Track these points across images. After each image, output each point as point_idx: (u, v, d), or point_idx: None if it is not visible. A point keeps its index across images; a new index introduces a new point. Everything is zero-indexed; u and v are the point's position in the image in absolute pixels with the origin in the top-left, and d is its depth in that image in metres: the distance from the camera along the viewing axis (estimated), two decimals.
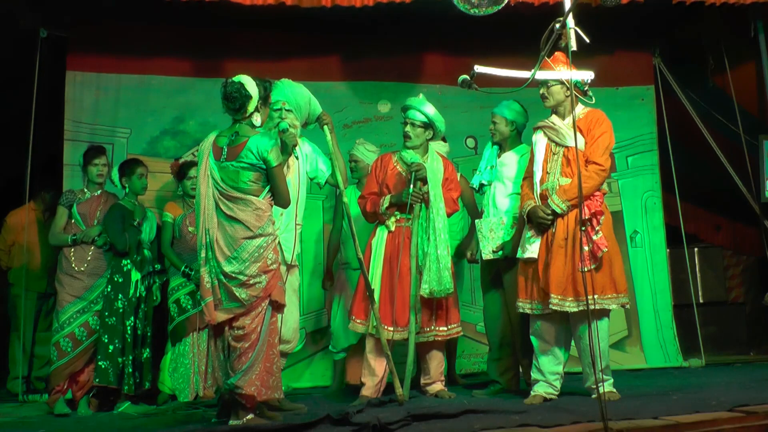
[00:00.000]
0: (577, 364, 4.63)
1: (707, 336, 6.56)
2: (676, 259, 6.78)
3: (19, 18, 5.70)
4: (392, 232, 4.75)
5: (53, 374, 4.87)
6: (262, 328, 3.86)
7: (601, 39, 3.92)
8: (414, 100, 4.88)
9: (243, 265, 3.80)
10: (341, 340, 5.56)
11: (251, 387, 3.80)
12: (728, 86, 6.55)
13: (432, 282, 4.57)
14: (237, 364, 3.82)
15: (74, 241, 4.99)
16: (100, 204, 5.11)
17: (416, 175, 4.67)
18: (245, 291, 3.80)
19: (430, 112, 4.80)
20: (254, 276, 3.81)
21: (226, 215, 3.84)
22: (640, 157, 6.73)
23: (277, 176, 3.90)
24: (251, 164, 3.85)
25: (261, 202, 3.88)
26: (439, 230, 4.63)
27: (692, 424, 3.41)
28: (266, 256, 3.84)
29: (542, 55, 3.81)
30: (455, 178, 4.98)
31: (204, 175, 3.92)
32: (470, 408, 3.86)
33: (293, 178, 4.46)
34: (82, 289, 4.96)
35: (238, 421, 3.83)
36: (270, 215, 3.93)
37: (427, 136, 4.85)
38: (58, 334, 4.89)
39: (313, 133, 4.79)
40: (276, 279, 3.92)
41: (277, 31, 6.19)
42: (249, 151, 3.84)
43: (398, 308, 4.62)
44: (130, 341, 4.98)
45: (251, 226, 3.82)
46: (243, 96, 3.90)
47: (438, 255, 4.59)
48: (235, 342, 3.84)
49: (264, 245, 3.84)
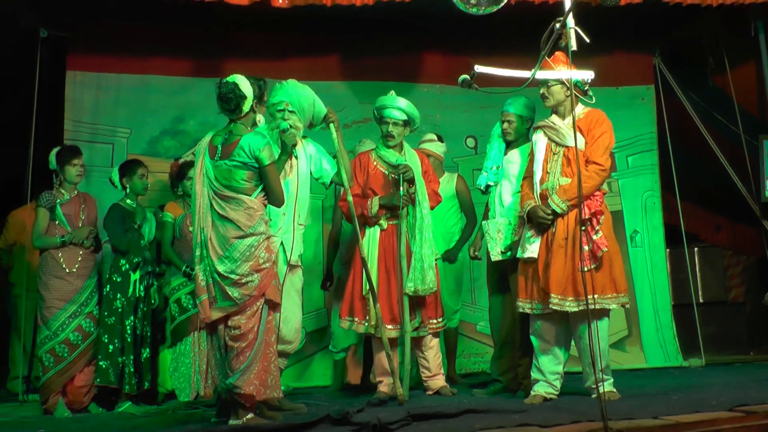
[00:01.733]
0: (577, 363, 4.63)
1: (707, 336, 6.56)
2: (676, 258, 6.79)
3: (19, 18, 5.71)
4: (385, 230, 4.78)
5: (51, 380, 4.85)
6: (259, 328, 3.87)
7: (601, 39, 3.92)
8: (387, 98, 4.88)
9: (235, 264, 3.81)
10: (341, 340, 5.56)
11: (250, 386, 3.80)
12: (728, 86, 6.56)
13: (416, 280, 4.62)
14: (235, 363, 3.82)
15: (63, 242, 4.94)
16: (80, 204, 5.09)
17: (404, 177, 4.69)
18: (238, 290, 3.81)
19: (406, 108, 4.82)
20: (246, 275, 3.81)
21: (219, 214, 3.87)
22: (640, 156, 6.73)
23: (270, 175, 3.91)
24: (243, 163, 3.87)
25: (253, 202, 3.89)
26: (425, 229, 4.68)
27: (692, 424, 3.40)
28: (258, 255, 3.85)
29: (542, 55, 3.81)
30: (432, 170, 5.01)
31: (200, 174, 3.95)
32: (470, 407, 3.85)
33: (293, 179, 4.46)
34: (71, 293, 4.92)
35: (238, 420, 3.83)
36: (262, 214, 3.93)
37: (406, 132, 4.90)
38: (51, 341, 4.86)
39: (316, 133, 4.79)
40: (270, 278, 3.92)
41: (277, 31, 6.20)
42: (241, 149, 3.86)
43: (396, 305, 4.67)
44: (130, 341, 4.99)
45: (242, 226, 3.84)
46: (237, 96, 3.92)
47: (422, 254, 4.64)
48: (233, 342, 3.84)
49: (255, 244, 3.85)
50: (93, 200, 5.25)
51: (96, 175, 5.89)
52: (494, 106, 5.14)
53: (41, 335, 4.93)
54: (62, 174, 5.07)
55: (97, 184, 5.81)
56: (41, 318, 4.95)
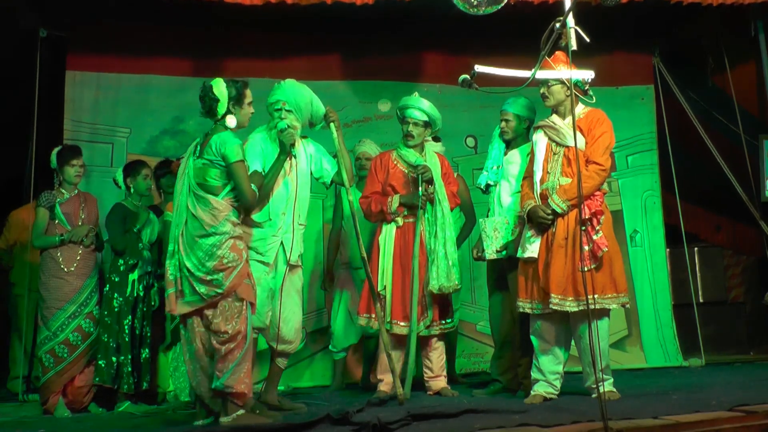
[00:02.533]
0: (577, 363, 4.62)
1: (707, 336, 6.56)
2: (676, 258, 6.79)
3: (19, 18, 5.70)
4: (401, 227, 4.82)
5: (51, 380, 4.85)
6: (246, 328, 3.90)
7: (600, 39, 3.91)
8: (411, 98, 4.92)
9: (198, 262, 3.86)
10: (341, 340, 5.56)
11: (241, 384, 3.83)
12: (728, 86, 6.56)
13: (441, 278, 4.66)
14: (223, 364, 3.83)
15: (62, 241, 4.94)
16: (80, 203, 5.09)
17: (422, 177, 4.72)
18: (203, 286, 3.86)
19: (428, 109, 4.87)
20: (210, 273, 3.85)
21: (191, 212, 3.93)
22: (639, 156, 6.74)
23: (237, 173, 3.92)
24: (210, 160, 3.92)
25: (218, 203, 3.92)
26: (447, 227, 4.74)
27: (692, 424, 3.40)
28: (222, 255, 3.86)
29: (542, 55, 3.80)
30: (452, 172, 5.08)
31: (182, 173, 4.04)
32: (470, 407, 3.85)
33: (293, 178, 4.46)
34: (71, 293, 4.92)
35: (228, 417, 3.84)
36: (227, 215, 3.93)
37: (427, 134, 4.94)
38: (51, 342, 4.86)
39: (316, 132, 4.80)
40: (240, 278, 3.91)
41: (277, 30, 6.20)
42: (209, 147, 3.93)
43: (410, 304, 4.69)
44: (128, 340, 4.98)
45: (205, 225, 3.88)
46: (210, 99, 3.99)
47: (446, 251, 4.70)
48: (220, 345, 3.86)
49: (217, 244, 3.87)
50: (93, 199, 5.25)
51: (96, 175, 5.90)
52: (494, 106, 5.14)
53: (41, 335, 4.93)
54: (61, 174, 5.07)
55: (97, 184, 5.81)
56: (41, 318, 4.95)
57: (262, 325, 4.30)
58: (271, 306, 4.31)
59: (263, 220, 4.32)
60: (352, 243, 5.46)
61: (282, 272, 4.37)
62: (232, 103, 4.03)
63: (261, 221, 4.31)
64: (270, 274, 4.32)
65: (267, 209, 4.33)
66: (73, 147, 5.23)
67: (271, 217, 4.35)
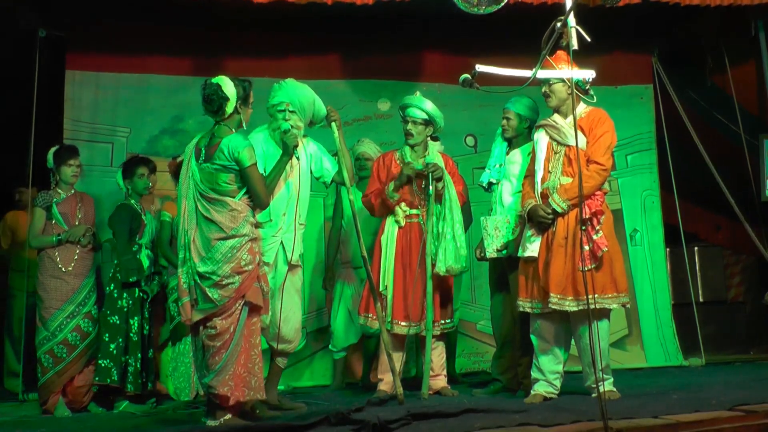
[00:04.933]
0: (577, 363, 4.63)
1: (707, 335, 6.56)
2: (676, 258, 6.79)
3: (18, 18, 5.70)
4: (402, 227, 4.80)
5: (50, 380, 4.84)
6: (236, 329, 3.84)
7: (600, 38, 3.91)
8: (412, 98, 4.92)
9: (216, 265, 3.80)
10: (341, 340, 5.57)
11: (224, 387, 3.77)
12: (728, 86, 6.55)
13: (449, 259, 4.65)
14: (211, 363, 3.81)
15: (59, 241, 4.92)
16: (77, 203, 5.07)
17: (433, 175, 4.73)
18: (218, 291, 3.79)
19: (429, 108, 4.86)
20: (227, 276, 3.80)
21: (203, 216, 3.86)
22: (639, 155, 6.74)
23: (251, 176, 3.89)
24: (224, 165, 3.86)
25: (237, 204, 3.88)
26: (455, 210, 4.72)
27: (692, 423, 3.40)
28: (240, 257, 3.84)
29: (543, 54, 3.81)
30: (457, 171, 5.07)
31: (186, 177, 3.96)
32: (470, 407, 3.85)
33: (295, 179, 4.46)
34: (69, 292, 4.90)
35: (215, 421, 3.82)
36: (246, 216, 3.91)
37: (428, 133, 4.92)
38: (49, 342, 4.85)
39: (317, 132, 4.79)
40: (251, 280, 3.89)
41: (277, 30, 6.19)
42: (221, 151, 3.86)
43: (411, 303, 4.67)
44: (136, 340, 4.97)
45: (225, 228, 3.83)
46: (220, 98, 3.92)
47: (454, 234, 4.68)
48: (208, 341, 3.83)
49: (237, 246, 3.84)
50: (90, 199, 5.23)
51: (95, 175, 5.90)
52: (493, 105, 5.14)
53: (40, 336, 4.91)
54: (58, 174, 5.04)
55: (97, 184, 5.81)
56: (40, 319, 4.93)
57: (263, 324, 4.29)
58: (271, 306, 4.31)
59: (264, 221, 4.32)
60: (352, 242, 5.46)
61: (282, 272, 4.38)
62: (240, 103, 4.00)
63: (262, 222, 4.31)
64: (270, 273, 4.32)
65: (268, 210, 4.32)
66: (69, 147, 5.20)
67: (271, 217, 4.35)
